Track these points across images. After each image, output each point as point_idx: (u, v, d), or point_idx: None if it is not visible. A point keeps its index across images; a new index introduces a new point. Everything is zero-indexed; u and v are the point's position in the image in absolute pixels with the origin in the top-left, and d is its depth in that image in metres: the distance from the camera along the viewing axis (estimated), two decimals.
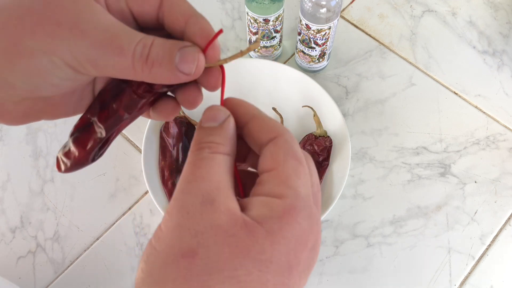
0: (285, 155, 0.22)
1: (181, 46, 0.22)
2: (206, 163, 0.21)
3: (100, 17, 0.22)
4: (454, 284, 0.55)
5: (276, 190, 0.21)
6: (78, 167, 0.26)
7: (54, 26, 0.21)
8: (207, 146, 0.22)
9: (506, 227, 0.58)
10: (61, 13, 0.21)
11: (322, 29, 0.57)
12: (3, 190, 0.61)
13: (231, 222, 0.19)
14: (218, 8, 0.74)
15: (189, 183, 0.21)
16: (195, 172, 0.21)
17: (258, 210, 0.20)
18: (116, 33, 0.21)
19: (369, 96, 0.66)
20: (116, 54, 0.21)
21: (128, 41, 0.21)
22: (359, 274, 0.55)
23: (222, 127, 0.23)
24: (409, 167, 0.61)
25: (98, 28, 0.21)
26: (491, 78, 0.67)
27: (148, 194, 0.60)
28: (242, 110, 0.24)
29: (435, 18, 0.73)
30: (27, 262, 0.57)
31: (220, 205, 0.20)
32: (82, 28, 0.21)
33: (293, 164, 0.22)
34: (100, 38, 0.21)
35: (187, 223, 0.19)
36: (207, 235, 0.19)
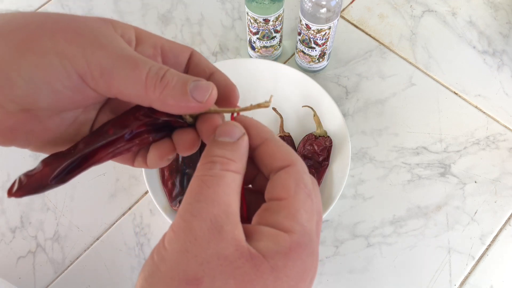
0: (296, 187, 0.22)
1: (196, 79, 0.23)
2: (216, 182, 0.21)
3: (121, 43, 0.23)
4: (454, 284, 0.55)
5: (284, 223, 0.21)
6: (35, 188, 0.23)
7: (75, 35, 0.22)
8: (219, 161, 0.22)
9: (506, 227, 0.58)
10: (85, 28, 0.22)
11: (322, 29, 0.57)
12: (3, 190, 0.61)
13: (237, 254, 0.20)
14: (218, 8, 0.74)
15: (198, 203, 0.21)
16: (204, 191, 0.21)
17: (265, 243, 0.20)
18: (135, 54, 0.23)
19: (369, 96, 0.66)
20: (131, 68, 0.22)
21: (145, 61, 0.22)
22: (359, 274, 0.55)
23: (237, 144, 0.23)
24: (409, 167, 0.61)
25: (118, 46, 0.22)
26: (491, 78, 0.67)
27: (148, 194, 0.60)
28: (255, 131, 0.24)
29: (435, 18, 0.73)
30: (27, 262, 0.57)
31: (228, 234, 0.20)
32: (102, 41, 0.22)
33: (303, 198, 0.22)
34: (118, 52, 0.22)
35: (194, 249, 0.20)
36: (213, 265, 0.19)
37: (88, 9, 0.74)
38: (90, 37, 0.22)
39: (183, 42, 0.71)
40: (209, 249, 0.19)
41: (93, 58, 0.21)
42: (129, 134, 0.24)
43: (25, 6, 0.76)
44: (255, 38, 0.63)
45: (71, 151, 0.24)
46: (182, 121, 0.25)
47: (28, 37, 0.21)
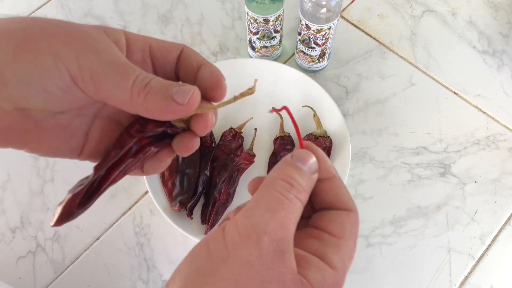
0: (351, 232, 0.24)
1: (180, 84, 0.24)
2: (290, 208, 0.23)
3: (114, 50, 0.24)
4: (454, 284, 0.55)
5: (333, 260, 0.23)
6: (67, 216, 0.25)
7: (71, 39, 0.23)
8: (296, 187, 0.23)
9: (506, 227, 0.58)
10: (81, 33, 0.23)
11: (322, 29, 0.57)
12: (3, 190, 0.61)
13: (294, 282, 0.21)
14: (218, 8, 0.74)
15: (272, 222, 0.22)
16: (280, 212, 0.22)
17: (314, 275, 0.22)
18: (125, 62, 0.24)
19: (369, 96, 0.66)
20: (119, 75, 0.23)
21: (134, 69, 0.24)
22: (359, 274, 0.55)
23: (311, 179, 0.24)
24: (409, 167, 0.61)
25: (110, 53, 0.23)
26: (491, 78, 0.67)
27: (148, 194, 0.60)
28: (322, 165, 0.25)
29: (435, 18, 0.73)
30: (27, 262, 0.57)
31: (288, 261, 0.22)
32: (96, 47, 0.23)
33: (353, 244, 0.24)
34: (109, 59, 0.23)
35: (258, 265, 0.21)
36: (272, 286, 0.21)
37: (88, 9, 0.74)
38: (85, 42, 0.23)
39: (183, 42, 0.71)
40: (271, 270, 0.21)
41: (85, 62, 0.23)
42: (134, 149, 0.26)
43: (25, 7, 0.76)
44: (255, 38, 0.63)
45: (88, 179, 0.26)
46: (174, 128, 0.26)
47: (25, 38, 0.22)
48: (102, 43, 0.24)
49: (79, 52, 0.23)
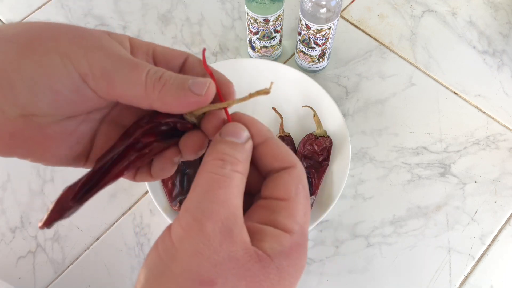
0: (297, 189, 0.23)
1: (194, 77, 0.24)
2: (228, 184, 0.22)
3: (121, 48, 0.24)
4: (454, 284, 0.55)
5: (286, 224, 0.22)
6: (60, 213, 0.24)
7: (78, 37, 0.22)
8: (230, 161, 0.22)
9: (506, 227, 0.58)
10: (87, 33, 0.23)
11: (322, 29, 0.57)
12: (3, 190, 0.61)
13: (247, 257, 0.21)
14: (218, 8, 0.74)
15: (210, 204, 0.21)
16: (216, 191, 0.21)
17: (269, 244, 0.22)
18: (133, 58, 0.24)
19: (369, 96, 0.66)
20: (131, 69, 0.22)
21: (144, 65, 0.23)
22: (359, 274, 0.55)
23: (244, 146, 0.24)
24: (409, 167, 0.61)
25: (118, 50, 0.23)
26: (491, 78, 0.67)
27: (148, 194, 0.60)
28: (256, 130, 0.25)
29: (435, 18, 0.73)
30: (27, 262, 0.57)
31: (237, 237, 0.21)
32: (103, 44, 0.23)
33: (303, 200, 0.23)
34: (118, 54, 0.23)
35: (207, 251, 0.20)
36: (226, 267, 0.20)
37: (88, 9, 0.74)
38: (91, 40, 0.23)
39: (183, 42, 0.71)
40: (221, 252, 0.20)
41: (95, 59, 0.22)
42: (140, 145, 0.25)
43: (25, 7, 0.76)
44: (255, 38, 0.63)
45: (88, 172, 0.24)
46: (185, 121, 0.25)
47: (31, 39, 0.22)
48: (108, 42, 0.23)
49: (87, 50, 0.22)
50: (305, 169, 0.57)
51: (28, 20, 0.74)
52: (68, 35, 0.22)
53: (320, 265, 0.56)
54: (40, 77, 0.21)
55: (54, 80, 0.22)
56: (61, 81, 0.22)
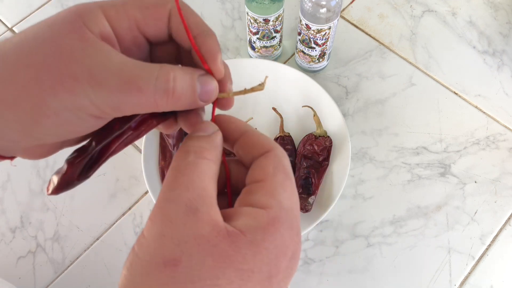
0: (275, 169, 0.23)
1: (199, 74, 0.23)
2: (191, 170, 0.21)
3: (112, 59, 0.21)
4: (454, 284, 0.55)
5: (262, 201, 0.21)
6: (65, 186, 0.25)
7: (72, 81, 0.21)
8: (193, 150, 0.22)
9: (506, 227, 0.58)
10: (75, 65, 0.21)
11: (322, 29, 0.57)
12: (3, 190, 0.61)
13: (214, 233, 0.20)
14: (218, 8, 0.74)
15: (173, 191, 0.21)
16: (179, 179, 0.21)
17: (243, 220, 0.21)
18: (131, 74, 0.21)
19: (369, 96, 0.66)
20: (135, 94, 0.21)
21: (146, 80, 0.21)
22: (359, 274, 0.55)
23: (210, 136, 0.23)
24: (409, 167, 0.61)
25: (113, 72, 0.21)
26: (491, 78, 0.67)
27: (148, 194, 0.60)
28: (233, 126, 0.25)
29: (435, 18, 0.73)
30: (27, 262, 0.57)
31: (203, 215, 0.20)
32: (98, 78, 0.21)
33: (281, 178, 0.22)
34: (117, 83, 0.21)
35: (170, 232, 0.20)
36: (190, 245, 0.19)
37: None
38: (85, 77, 0.21)
39: None
40: (185, 230, 0.20)
41: (99, 101, 0.21)
42: (135, 122, 0.25)
43: (25, 7, 0.76)
44: (255, 38, 0.63)
45: (87, 149, 0.25)
46: None
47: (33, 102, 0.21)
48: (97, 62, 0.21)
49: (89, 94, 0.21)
50: (305, 169, 0.57)
51: (28, 20, 0.74)
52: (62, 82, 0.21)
53: (320, 265, 0.56)
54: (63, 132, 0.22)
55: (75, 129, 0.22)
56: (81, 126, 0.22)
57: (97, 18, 0.22)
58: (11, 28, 0.74)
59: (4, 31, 0.74)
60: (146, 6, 0.23)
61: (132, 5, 0.23)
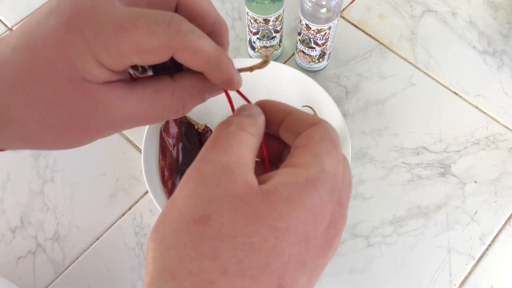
0: (321, 137, 0.21)
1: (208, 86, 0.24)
2: (230, 137, 0.21)
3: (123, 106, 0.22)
4: (454, 284, 0.55)
5: (303, 160, 0.20)
6: None
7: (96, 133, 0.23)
8: (235, 123, 0.22)
9: (506, 227, 0.58)
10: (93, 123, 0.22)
11: (322, 29, 0.57)
12: (3, 190, 0.61)
13: (247, 191, 0.19)
14: (218, 8, 0.74)
15: (209, 152, 0.20)
16: (217, 143, 0.20)
17: (280, 178, 0.20)
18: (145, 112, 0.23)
19: (369, 96, 0.66)
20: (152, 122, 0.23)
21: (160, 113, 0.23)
22: (359, 274, 0.55)
23: (254, 116, 0.23)
24: (409, 167, 0.61)
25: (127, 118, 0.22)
26: (491, 78, 0.67)
27: (148, 194, 0.60)
28: (278, 108, 0.24)
29: (435, 18, 0.73)
30: (27, 262, 0.57)
31: (239, 177, 0.19)
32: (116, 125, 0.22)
33: (327, 145, 0.21)
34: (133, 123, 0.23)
35: (202, 191, 0.19)
36: (221, 202, 0.18)
37: None
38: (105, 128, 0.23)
39: None
40: (218, 189, 0.19)
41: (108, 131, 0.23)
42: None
43: (24, 7, 0.76)
44: (255, 38, 0.63)
45: None
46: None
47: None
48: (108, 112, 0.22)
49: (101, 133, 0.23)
50: None
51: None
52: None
53: None
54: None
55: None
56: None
57: (91, 68, 0.20)
58: (11, 28, 0.74)
59: (4, 31, 0.74)
60: (145, 50, 0.20)
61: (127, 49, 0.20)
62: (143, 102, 0.22)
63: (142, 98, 0.22)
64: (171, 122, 0.59)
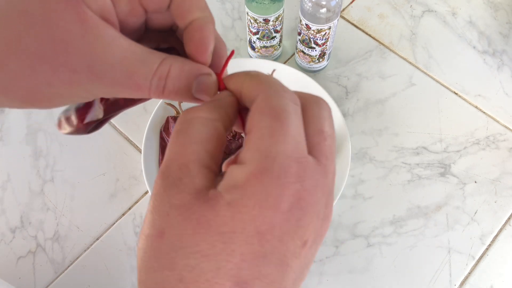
0: (260, 115, 0.20)
1: (198, 74, 0.23)
2: (184, 131, 0.21)
3: (113, 49, 0.21)
4: (454, 284, 0.55)
5: (243, 156, 0.20)
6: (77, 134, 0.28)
7: (70, 73, 0.20)
8: (190, 111, 0.22)
9: (506, 227, 0.58)
10: (74, 56, 0.20)
11: (322, 29, 0.57)
12: (3, 190, 0.61)
13: (194, 201, 0.19)
14: (218, 8, 0.74)
15: (165, 161, 0.21)
16: (171, 146, 0.21)
17: (223, 181, 0.20)
18: (131, 69, 0.21)
19: (369, 96, 0.66)
20: (133, 90, 0.22)
21: (144, 76, 0.21)
22: (359, 274, 0.55)
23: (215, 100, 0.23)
24: (409, 167, 0.61)
25: (114, 66, 0.21)
26: (491, 78, 0.67)
27: (148, 194, 0.60)
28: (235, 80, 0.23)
29: (435, 18, 0.73)
30: (27, 262, 0.57)
31: (187, 185, 0.20)
32: (97, 70, 0.20)
33: (267, 123, 0.20)
34: (116, 77, 0.21)
35: (158, 205, 0.20)
36: (172, 215, 0.20)
37: None
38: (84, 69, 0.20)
39: None
40: (168, 203, 0.20)
41: (95, 91, 0.22)
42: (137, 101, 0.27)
43: None
44: (255, 38, 0.63)
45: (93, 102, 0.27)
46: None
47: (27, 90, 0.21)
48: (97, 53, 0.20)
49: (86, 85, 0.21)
50: None
51: None
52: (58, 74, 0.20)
53: (320, 265, 0.56)
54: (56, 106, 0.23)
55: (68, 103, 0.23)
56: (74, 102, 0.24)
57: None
58: None
59: None
60: None
61: None
62: (132, 53, 0.21)
63: (133, 50, 0.21)
64: (171, 122, 0.59)
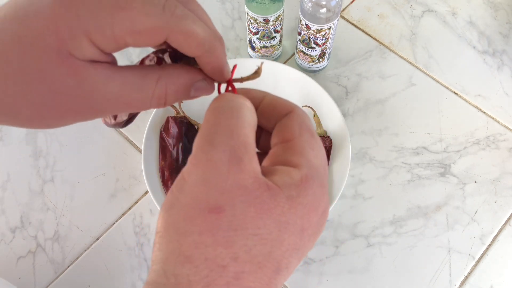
0: (300, 128, 0.24)
1: (193, 82, 0.24)
2: (235, 114, 0.22)
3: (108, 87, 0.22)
4: (454, 284, 0.55)
5: (293, 160, 0.22)
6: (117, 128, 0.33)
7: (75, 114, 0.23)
8: (234, 98, 0.23)
9: (506, 227, 0.58)
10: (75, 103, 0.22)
11: (322, 29, 0.57)
12: (3, 190, 0.61)
13: (256, 185, 0.21)
14: (218, 8, 0.74)
15: (217, 135, 0.21)
16: (223, 122, 0.22)
17: (279, 177, 0.22)
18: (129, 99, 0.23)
19: (369, 96, 0.66)
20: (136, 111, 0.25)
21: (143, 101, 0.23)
22: (359, 274, 0.55)
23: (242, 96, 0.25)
24: (409, 167, 0.61)
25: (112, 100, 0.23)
26: (491, 78, 0.67)
27: (148, 194, 0.60)
28: (252, 94, 0.25)
29: (435, 18, 0.73)
30: (27, 262, 0.57)
31: (246, 166, 0.21)
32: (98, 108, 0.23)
33: (307, 137, 0.23)
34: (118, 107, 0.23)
35: (214, 179, 0.20)
36: (233, 194, 0.20)
37: None
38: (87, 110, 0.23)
39: None
40: (229, 179, 0.20)
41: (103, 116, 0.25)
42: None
43: None
44: (255, 38, 0.63)
45: None
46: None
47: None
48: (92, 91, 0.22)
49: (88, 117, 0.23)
50: None
51: None
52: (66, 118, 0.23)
53: (320, 265, 0.56)
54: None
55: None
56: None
57: (82, 45, 0.21)
58: None
59: None
60: (139, 31, 0.21)
61: (121, 29, 0.21)
62: (127, 85, 0.22)
63: (127, 81, 0.22)
64: (171, 122, 0.59)
